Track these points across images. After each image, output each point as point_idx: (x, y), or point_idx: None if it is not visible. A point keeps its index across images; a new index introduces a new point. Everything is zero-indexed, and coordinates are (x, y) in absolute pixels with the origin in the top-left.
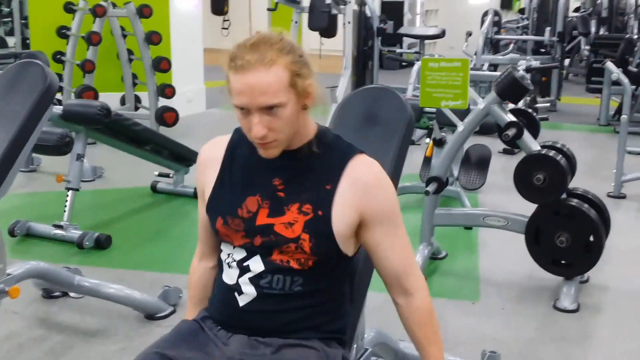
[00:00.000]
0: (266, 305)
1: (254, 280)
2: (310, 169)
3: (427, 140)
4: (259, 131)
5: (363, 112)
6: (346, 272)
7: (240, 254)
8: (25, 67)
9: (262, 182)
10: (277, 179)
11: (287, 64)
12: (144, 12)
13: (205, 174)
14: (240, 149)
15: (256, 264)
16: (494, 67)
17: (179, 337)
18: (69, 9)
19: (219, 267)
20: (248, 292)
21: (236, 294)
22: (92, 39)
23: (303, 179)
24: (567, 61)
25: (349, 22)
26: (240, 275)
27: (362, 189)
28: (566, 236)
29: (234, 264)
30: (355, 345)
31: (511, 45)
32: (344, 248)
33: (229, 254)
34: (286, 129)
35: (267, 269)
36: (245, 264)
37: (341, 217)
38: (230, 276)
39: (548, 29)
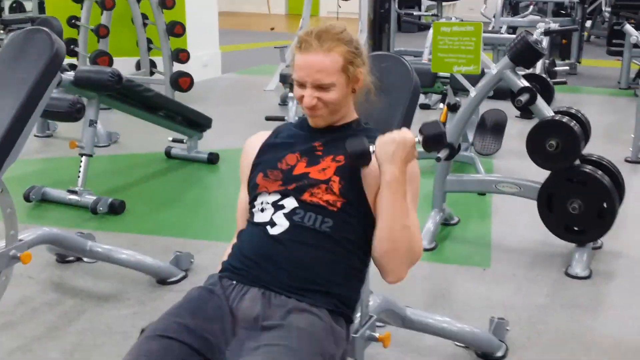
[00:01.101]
0: (297, 236)
1: (287, 215)
2: (347, 137)
3: (442, 105)
4: (310, 101)
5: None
6: (368, 238)
7: (274, 197)
8: (32, 34)
9: (303, 145)
10: (317, 142)
11: (343, 52)
12: None
13: (249, 153)
14: (284, 131)
15: (290, 202)
16: (512, 29)
17: (194, 305)
18: None
19: (249, 219)
20: (281, 224)
21: (268, 227)
22: (105, 4)
23: (339, 143)
24: (588, 23)
25: None
26: (274, 213)
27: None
28: (579, 202)
29: (268, 205)
30: (360, 313)
31: (531, 7)
32: (369, 197)
33: (262, 201)
34: (332, 105)
35: (300, 205)
36: (279, 203)
37: (368, 170)
38: (263, 217)
39: None
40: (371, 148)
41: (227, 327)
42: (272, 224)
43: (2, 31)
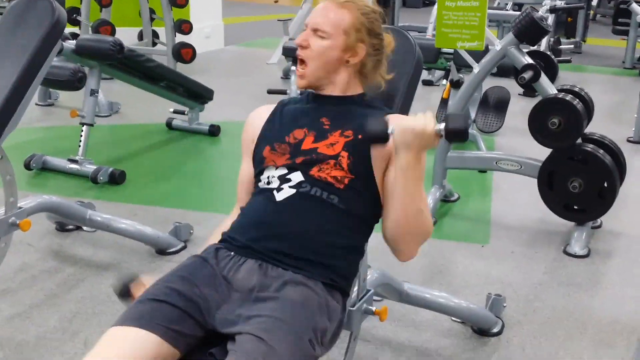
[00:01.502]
0: (302, 204)
1: (294, 186)
2: (353, 111)
3: (445, 81)
4: (300, 40)
5: None
6: (373, 214)
7: (281, 171)
8: (34, 2)
9: (310, 120)
10: (324, 118)
11: (355, 16)
12: None
13: (253, 126)
14: (290, 104)
15: (296, 176)
16: (518, 6)
17: (185, 272)
18: None
19: (254, 191)
20: (287, 190)
21: (275, 191)
22: None
23: (346, 117)
24: (595, 1)
25: None
26: (280, 184)
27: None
28: (579, 181)
29: (274, 178)
30: (357, 287)
31: None
32: (377, 174)
33: (269, 176)
34: (319, 57)
35: (307, 179)
36: (286, 177)
37: (379, 148)
38: (269, 187)
39: None
40: (390, 129)
41: (220, 291)
42: (279, 189)
43: (5, 1)
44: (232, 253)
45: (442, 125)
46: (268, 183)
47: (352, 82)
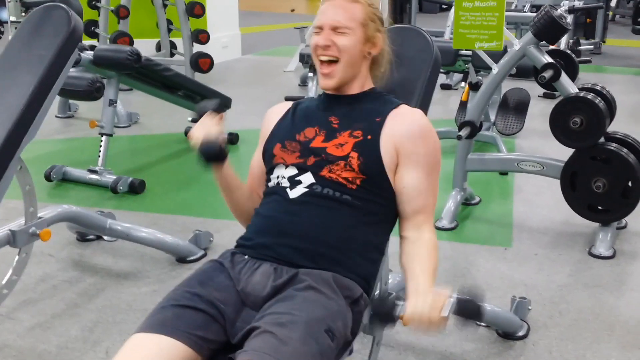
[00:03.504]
0: (316, 199)
1: (306, 187)
2: (363, 109)
3: (463, 84)
4: (324, 41)
5: None
6: (390, 212)
7: (292, 171)
8: (50, 10)
9: (320, 119)
10: (333, 117)
11: (366, 9)
12: None
13: (269, 121)
14: (304, 104)
15: (307, 178)
16: (536, 8)
17: (204, 277)
18: None
19: (265, 190)
20: (299, 189)
21: (288, 189)
22: None
23: (355, 115)
24: (614, 2)
25: None
26: (290, 186)
27: (405, 127)
28: (603, 181)
29: (284, 179)
30: (378, 290)
31: None
32: (389, 173)
33: (278, 175)
34: (348, 52)
35: (317, 181)
36: (297, 178)
37: (386, 144)
38: (282, 186)
39: None
40: (397, 311)
41: (235, 298)
42: (292, 187)
43: (23, 14)
44: (247, 257)
45: (449, 310)
46: (278, 183)
47: (366, 75)
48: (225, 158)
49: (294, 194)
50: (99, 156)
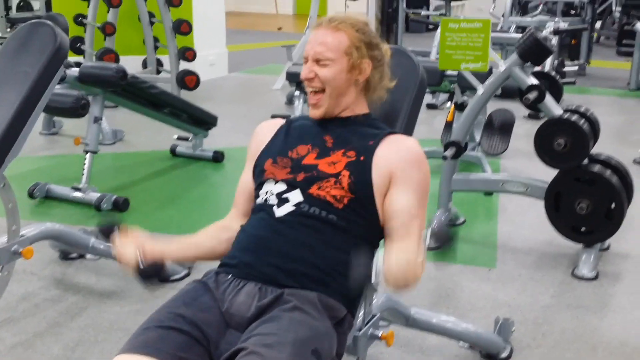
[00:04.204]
0: (302, 220)
1: (292, 205)
2: (357, 131)
3: (449, 104)
4: (307, 74)
5: None
6: (374, 233)
7: (280, 188)
8: (36, 28)
9: (314, 137)
10: (328, 136)
11: (351, 36)
12: None
13: (259, 137)
14: (297, 121)
15: (295, 196)
16: (521, 29)
17: (188, 298)
18: None
19: (253, 207)
20: (286, 207)
21: (275, 207)
22: (112, 1)
23: (350, 137)
24: (598, 24)
25: None
26: (278, 204)
27: (402, 152)
28: (587, 203)
29: (272, 196)
30: (363, 310)
31: (540, 7)
32: (377, 196)
33: (267, 191)
34: (330, 83)
35: (306, 200)
36: (284, 196)
37: (379, 168)
38: (269, 204)
39: None
40: (373, 278)
41: (219, 319)
42: (279, 206)
43: (9, 29)
44: (231, 276)
45: (427, 242)
46: (266, 200)
47: (359, 99)
48: (162, 268)
49: (280, 212)
50: (83, 173)
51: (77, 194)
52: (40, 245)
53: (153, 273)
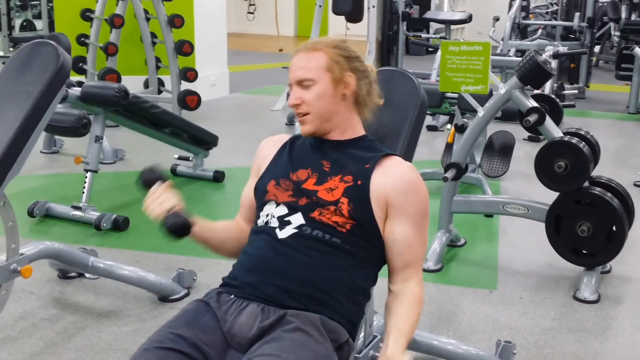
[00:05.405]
0: (305, 242)
1: (295, 227)
2: (353, 155)
3: (449, 126)
4: (293, 100)
5: None
6: (378, 257)
7: (282, 211)
8: (38, 47)
9: (313, 161)
10: (325, 160)
11: (329, 53)
12: None
13: (264, 153)
14: (299, 140)
15: (297, 219)
16: (521, 52)
17: (189, 318)
18: None
19: (254, 227)
20: (288, 229)
21: (277, 230)
22: (114, 22)
23: (346, 161)
24: (597, 48)
25: (373, 6)
26: (279, 226)
27: (396, 180)
28: (588, 225)
29: (274, 219)
30: (363, 332)
31: (539, 31)
32: (377, 220)
33: (268, 214)
34: (316, 104)
35: (307, 223)
36: (286, 219)
37: (376, 193)
38: (270, 226)
39: (577, 14)
40: None
41: (220, 340)
42: (281, 227)
43: (11, 49)
44: (233, 296)
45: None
46: (267, 222)
47: (352, 119)
48: (191, 227)
49: (283, 234)
50: (83, 192)
51: (77, 213)
52: (39, 264)
53: (182, 222)
